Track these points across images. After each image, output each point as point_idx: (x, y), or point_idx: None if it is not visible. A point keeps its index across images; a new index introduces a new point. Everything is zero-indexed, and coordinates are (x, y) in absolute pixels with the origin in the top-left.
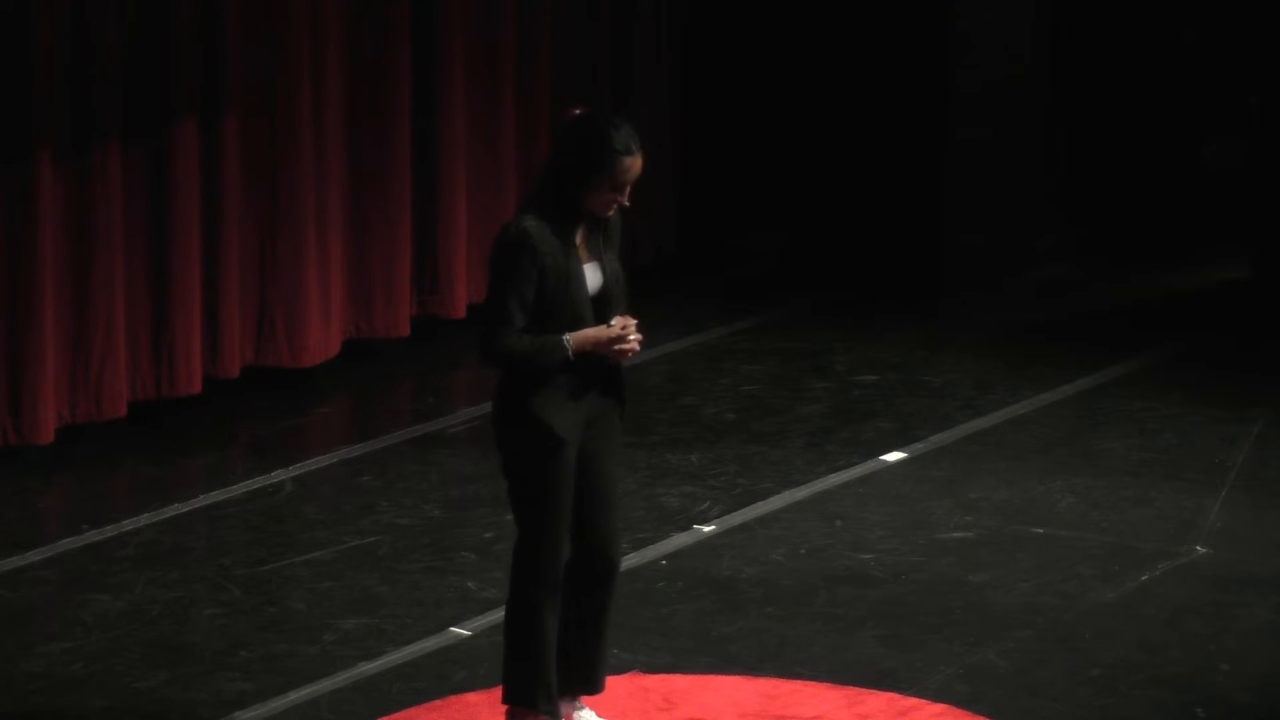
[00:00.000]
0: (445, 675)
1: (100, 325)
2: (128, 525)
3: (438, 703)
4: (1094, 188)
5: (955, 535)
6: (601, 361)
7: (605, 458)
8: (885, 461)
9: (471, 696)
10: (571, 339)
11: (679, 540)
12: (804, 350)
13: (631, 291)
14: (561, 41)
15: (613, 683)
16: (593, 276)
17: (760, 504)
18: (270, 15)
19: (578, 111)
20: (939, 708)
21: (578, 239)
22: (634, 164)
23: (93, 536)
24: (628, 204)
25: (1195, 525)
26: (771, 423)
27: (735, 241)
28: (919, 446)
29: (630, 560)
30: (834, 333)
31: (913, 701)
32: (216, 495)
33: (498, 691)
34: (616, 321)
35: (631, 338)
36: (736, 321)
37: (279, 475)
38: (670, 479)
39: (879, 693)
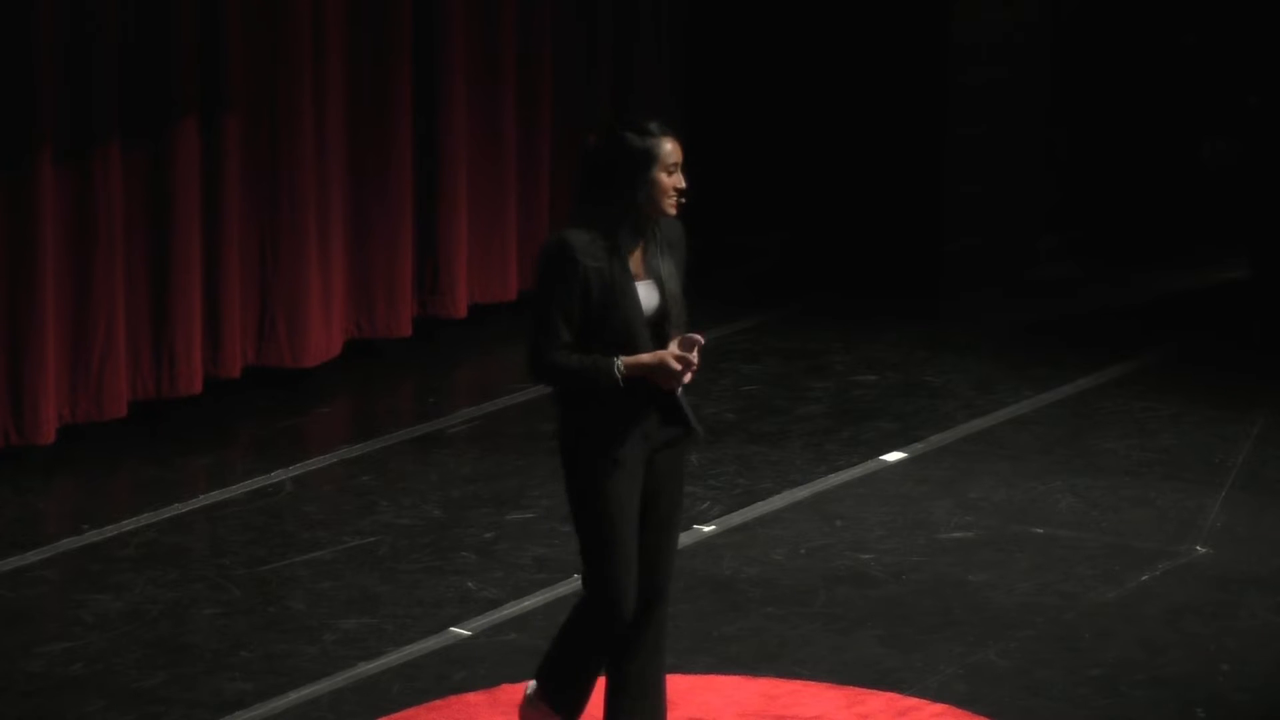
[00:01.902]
0: (445, 675)
1: (101, 325)
2: (128, 525)
3: (438, 703)
4: (1094, 187)
5: (955, 535)
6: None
7: (663, 492)
8: (885, 461)
9: (471, 696)
10: (623, 363)
11: (679, 540)
12: (804, 350)
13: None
14: (562, 42)
15: None
16: (649, 296)
17: (760, 504)
18: (271, 15)
19: (592, 137)
20: (939, 708)
21: (631, 253)
22: (675, 146)
23: (93, 536)
24: (684, 185)
25: (1195, 525)
26: (771, 423)
27: (735, 239)
28: (919, 446)
29: None
30: (834, 333)
31: (913, 701)
32: (216, 495)
33: (498, 691)
34: (675, 344)
35: (686, 374)
36: (736, 321)
37: (279, 475)
38: None
39: (879, 693)
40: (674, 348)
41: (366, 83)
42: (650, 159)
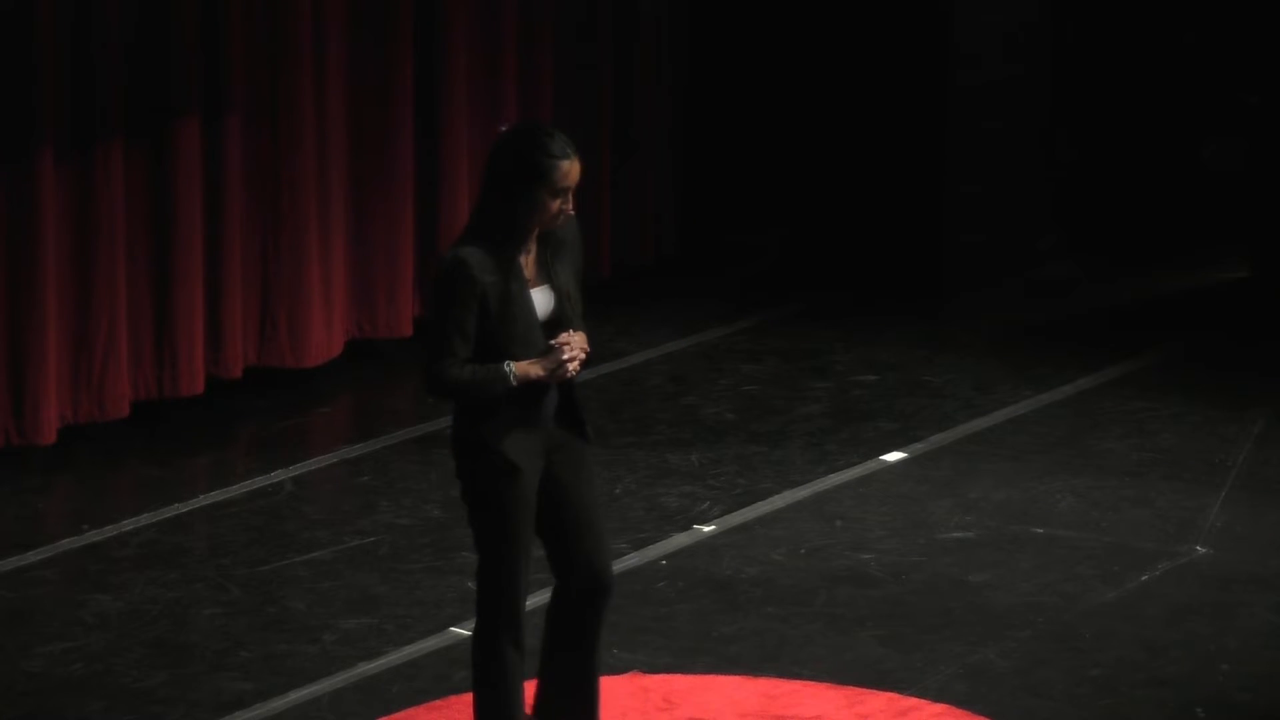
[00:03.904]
0: (445, 675)
1: (103, 325)
2: (128, 525)
3: (438, 703)
4: (1094, 187)
5: (955, 535)
6: (552, 390)
7: (577, 487)
8: (885, 461)
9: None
10: (514, 367)
11: (679, 540)
12: (804, 350)
13: (588, 312)
14: (563, 40)
15: (612, 683)
16: (543, 300)
17: (760, 504)
18: (272, 14)
19: (504, 128)
20: (939, 708)
21: (524, 261)
22: (572, 169)
23: (93, 536)
24: (572, 211)
25: (1195, 525)
26: (771, 423)
27: (736, 239)
28: (919, 446)
29: (630, 560)
30: (834, 333)
31: (913, 701)
32: (216, 495)
33: None
34: (559, 339)
35: (570, 354)
36: (736, 321)
37: (279, 475)
38: (670, 479)
39: (879, 693)
40: (558, 345)
41: (368, 84)
42: (540, 180)
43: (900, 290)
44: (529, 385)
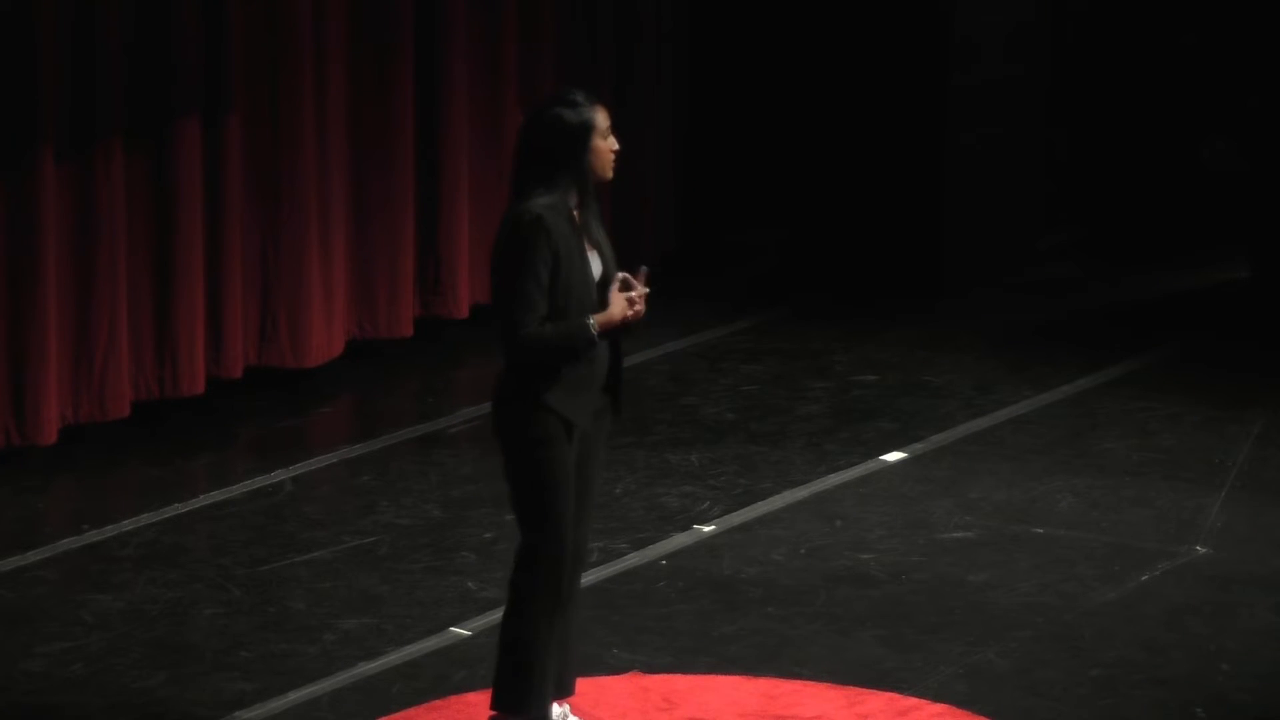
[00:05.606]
0: (445, 675)
1: (103, 326)
2: (128, 525)
3: (438, 703)
4: (1094, 188)
5: (955, 535)
6: (604, 352)
7: (592, 460)
8: (885, 461)
9: (471, 696)
10: (595, 320)
11: (679, 540)
12: (804, 350)
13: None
14: (564, 39)
15: (613, 683)
16: (595, 263)
17: (760, 504)
18: (273, 15)
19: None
20: (939, 708)
21: (579, 224)
22: (603, 111)
23: (93, 536)
24: (618, 147)
25: (1195, 525)
26: (771, 423)
27: (735, 239)
28: (919, 446)
29: (630, 560)
30: (834, 333)
31: (913, 701)
32: (216, 495)
33: None
34: (615, 285)
35: (636, 294)
36: (736, 321)
37: (279, 475)
38: (670, 479)
39: (879, 693)
40: (616, 292)
41: (368, 84)
42: (588, 129)
43: (900, 290)
44: (601, 340)
